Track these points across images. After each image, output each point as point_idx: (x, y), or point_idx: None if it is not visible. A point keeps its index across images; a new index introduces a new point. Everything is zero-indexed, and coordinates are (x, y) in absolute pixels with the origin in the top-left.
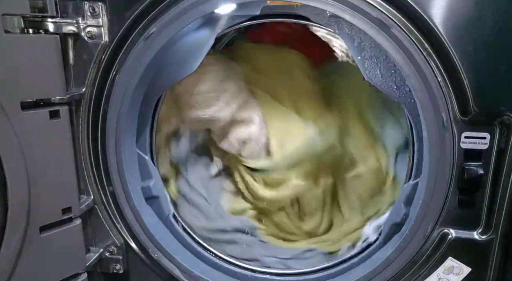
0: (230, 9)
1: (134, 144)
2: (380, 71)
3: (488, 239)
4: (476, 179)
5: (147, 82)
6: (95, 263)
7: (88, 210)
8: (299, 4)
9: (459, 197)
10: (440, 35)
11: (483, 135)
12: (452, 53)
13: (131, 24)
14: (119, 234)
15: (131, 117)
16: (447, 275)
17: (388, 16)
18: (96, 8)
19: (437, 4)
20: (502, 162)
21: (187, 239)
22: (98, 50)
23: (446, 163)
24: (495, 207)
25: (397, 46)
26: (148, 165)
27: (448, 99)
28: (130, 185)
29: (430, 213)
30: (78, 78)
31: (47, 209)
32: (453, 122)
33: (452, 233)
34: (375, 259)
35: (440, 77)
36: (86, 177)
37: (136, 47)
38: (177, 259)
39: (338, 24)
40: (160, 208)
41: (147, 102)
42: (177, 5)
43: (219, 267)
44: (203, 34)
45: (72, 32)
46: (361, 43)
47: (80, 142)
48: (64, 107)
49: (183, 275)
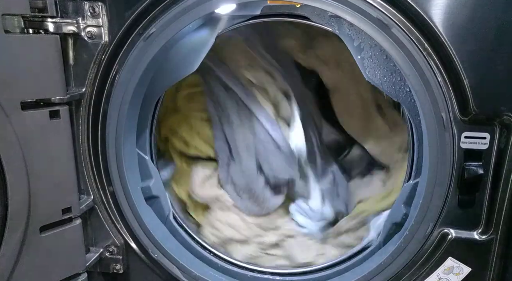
0: (230, 9)
1: (134, 144)
2: (380, 71)
3: (488, 239)
4: (476, 179)
5: (147, 82)
6: (95, 263)
7: (88, 210)
8: (299, 4)
9: (459, 197)
10: (440, 35)
11: (483, 135)
12: (452, 53)
13: (131, 24)
14: (119, 234)
15: (131, 117)
16: (447, 275)
17: (388, 16)
18: (96, 8)
19: (437, 4)
20: (502, 162)
21: (187, 239)
22: (98, 50)
23: (446, 163)
24: (495, 207)
25: (397, 46)
26: (148, 165)
27: (448, 99)
28: (130, 185)
29: (430, 213)
30: (78, 78)
31: (47, 209)
32: (453, 122)
33: (452, 233)
34: (375, 259)
35: (440, 77)
36: (86, 177)
37: (136, 47)
38: (177, 259)
39: (338, 24)
40: (160, 208)
41: (147, 102)
42: (177, 5)
43: (219, 267)
44: (203, 34)
45: (72, 32)
46: (361, 43)
47: (80, 142)
48: (64, 107)
49: (183, 275)
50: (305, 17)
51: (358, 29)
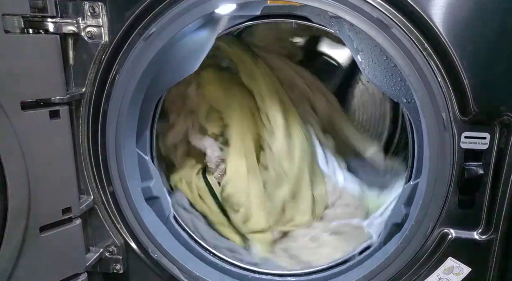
0: (230, 9)
1: (134, 144)
2: (380, 71)
3: (488, 239)
4: (476, 179)
5: (147, 82)
6: (95, 263)
7: (88, 210)
8: (299, 4)
9: (459, 197)
10: (440, 35)
11: (483, 135)
12: (452, 53)
13: (131, 24)
14: (119, 234)
15: (131, 117)
16: (447, 275)
17: (388, 16)
18: (96, 8)
19: (437, 4)
20: (502, 162)
21: (187, 239)
22: (98, 50)
23: (446, 163)
24: (495, 207)
25: (397, 46)
26: (148, 165)
27: (448, 99)
28: (130, 185)
29: (430, 213)
30: (78, 78)
31: (47, 209)
32: (453, 122)
33: (452, 233)
34: (375, 259)
35: (440, 77)
36: (86, 177)
37: (136, 47)
38: (177, 259)
39: (338, 25)
40: (160, 208)
41: (147, 102)
42: (177, 5)
43: (219, 267)
44: (203, 34)
45: (72, 32)
46: (361, 43)
47: (80, 142)
48: (64, 107)
49: (183, 275)
50: (305, 17)
51: (358, 30)
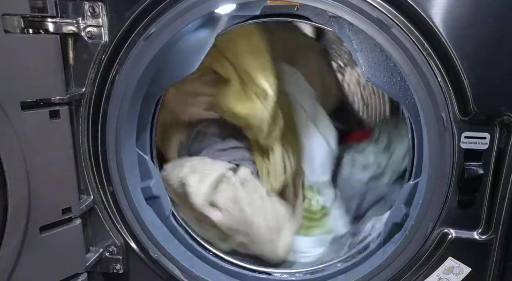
0: (230, 9)
1: (134, 144)
2: (380, 71)
3: (488, 239)
4: (476, 179)
5: (147, 82)
6: (95, 263)
7: (88, 210)
8: (299, 4)
9: (459, 197)
10: (440, 35)
11: (483, 135)
12: (452, 53)
13: (131, 24)
14: (119, 234)
15: (131, 117)
16: (447, 275)
17: (388, 16)
18: (96, 8)
19: (437, 4)
20: (502, 162)
21: (187, 239)
22: (98, 50)
23: (446, 163)
24: (495, 207)
25: (397, 46)
26: (148, 165)
27: (448, 99)
28: (130, 185)
29: (430, 213)
30: (78, 78)
31: (47, 209)
32: (453, 122)
33: (452, 233)
34: (375, 259)
35: (440, 77)
36: (86, 177)
37: (136, 47)
38: (177, 259)
39: (338, 24)
40: (160, 208)
41: (147, 102)
42: (177, 5)
43: (219, 267)
44: (203, 34)
45: (72, 32)
46: (361, 42)
47: (80, 142)
48: (64, 107)
49: (183, 275)
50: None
51: (358, 29)
